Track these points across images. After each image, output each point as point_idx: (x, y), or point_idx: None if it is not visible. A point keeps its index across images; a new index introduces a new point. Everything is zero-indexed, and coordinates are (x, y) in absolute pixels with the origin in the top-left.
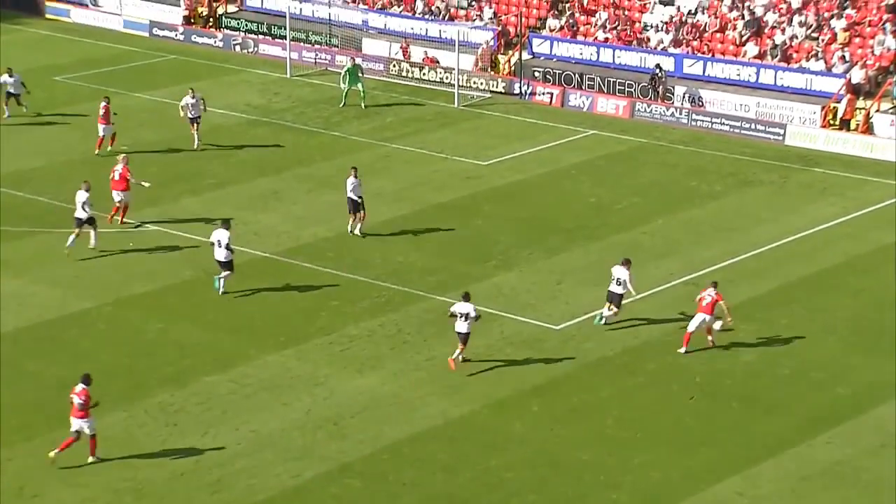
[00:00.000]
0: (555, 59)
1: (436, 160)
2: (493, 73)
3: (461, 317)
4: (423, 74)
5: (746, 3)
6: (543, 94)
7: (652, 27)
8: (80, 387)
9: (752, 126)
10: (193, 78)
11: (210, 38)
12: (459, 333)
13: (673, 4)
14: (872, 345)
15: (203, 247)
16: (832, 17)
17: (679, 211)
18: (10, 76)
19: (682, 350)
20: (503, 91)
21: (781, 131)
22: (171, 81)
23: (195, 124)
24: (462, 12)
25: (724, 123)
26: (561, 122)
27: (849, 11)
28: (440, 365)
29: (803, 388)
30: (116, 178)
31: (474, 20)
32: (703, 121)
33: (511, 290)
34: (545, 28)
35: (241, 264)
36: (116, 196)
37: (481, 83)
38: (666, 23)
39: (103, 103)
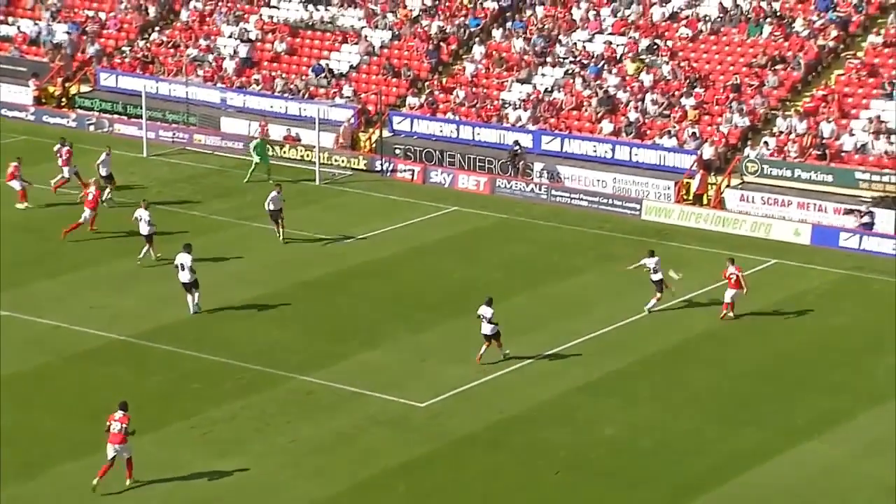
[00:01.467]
0: (415, 137)
1: (298, 238)
2: (353, 150)
3: (483, 319)
4: (284, 152)
5: (598, 82)
6: (405, 170)
7: (510, 104)
8: (119, 413)
9: (610, 201)
10: (46, 159)
11: (63, 118)
12: (484, 335)
13: (530, 83)
14: (732, 415)
15: (60, 329)
16: (682, 95)
17: (542, 285)
18: None
19: (725, 313)
20: (365, 168)
21: (638, 206)
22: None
23: (110, 184)
24: (322, 90)
25: (582, 199)
26: (423, 198)
27: (697, 90)
28: (305, 446)
29: (666, 460)
30: (90, 198)
31: (334, 98)
32: (562, 196)
33: (376, 368)
34: (405, 106)
35: (97, 349)
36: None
37: (342, 161)
38: (524, 100)
39: (65, 147)
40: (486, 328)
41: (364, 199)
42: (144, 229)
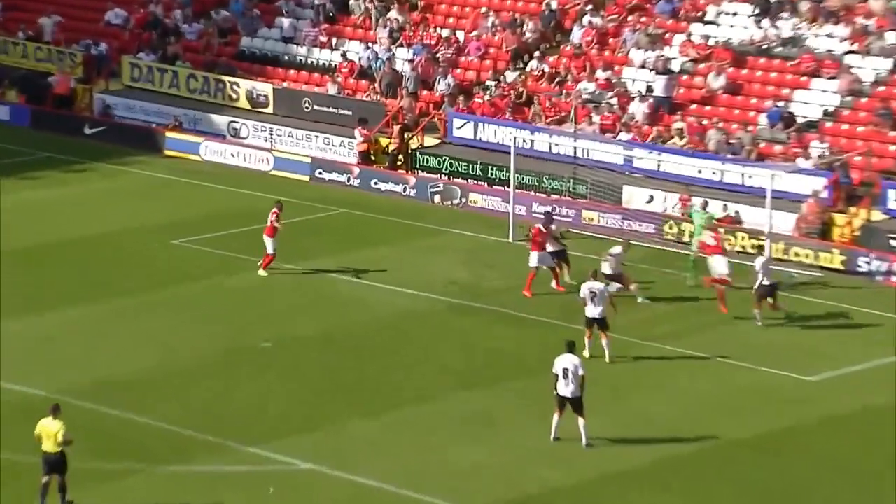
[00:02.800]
0: None
1: None
2: (824, 239)
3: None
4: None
5: None
6: None
7: None
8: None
9: None
10: (366, 242)
11: (397, 184)
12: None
13: None
14: None
15: None
16: None
17: None
18: None
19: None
20: (842, 268)
21: None
22: (337, 246)
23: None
24: (779, 147)
25: None
26: None
27: None
28: None
29: None
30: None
31: (796, 159)
32: None
33: None
34: None
35: None
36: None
37: (806, 255)
38: None
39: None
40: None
41: (835, 316)
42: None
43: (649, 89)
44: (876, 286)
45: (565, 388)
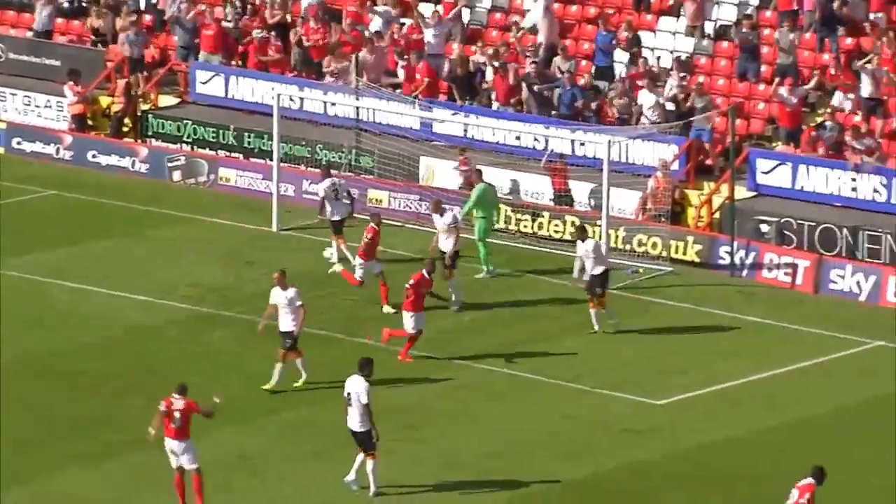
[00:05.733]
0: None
1: None
2: (674, 224)
3: None
4: (520, 223)
5: None
6: (779, 268)
7: None
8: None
9: None
10: (84, 234)
11: (125, 157)
12: None
13: None
14: None
15: None
16: None
17: None
18: None
19: None
20: (697, 260)
21: None
22: (45, 240)
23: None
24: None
25: None
26: (819, 323)
27: None
28: None
29: None
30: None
31: (637, 123)
32: None
33: None
34: (781, 140)
35: None
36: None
37: (652, 244)
38: None
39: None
40: None
41: (693, 320)
42: None
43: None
44: (740, 282)
45: (350, 419)
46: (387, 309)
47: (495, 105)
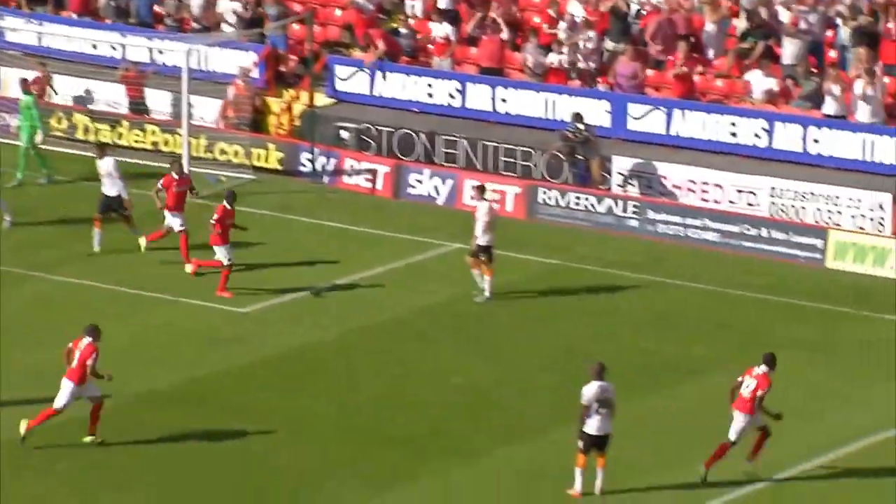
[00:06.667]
0: (381, 108)
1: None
2: (256, 132)
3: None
4: (119, 132)
5: None
6: (359, 174)
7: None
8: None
9: (764, 233)
10: None
11: None
12: None
13: None
14: None
15: None
16: None
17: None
18: None
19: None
20: (280, 168)
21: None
22: None
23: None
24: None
25: (707, 228)
26: (394, 227)
27: None
28: None
29: None
30: None
31: (217, 29)
32: (667, 223)
33: None
34: (356, 47)
35: None
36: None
37: (234, 152)
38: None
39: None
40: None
41: (277, 228)
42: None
43: None
44: (323, 188)
45: None
46: (188, 267)
47: (71, 15)
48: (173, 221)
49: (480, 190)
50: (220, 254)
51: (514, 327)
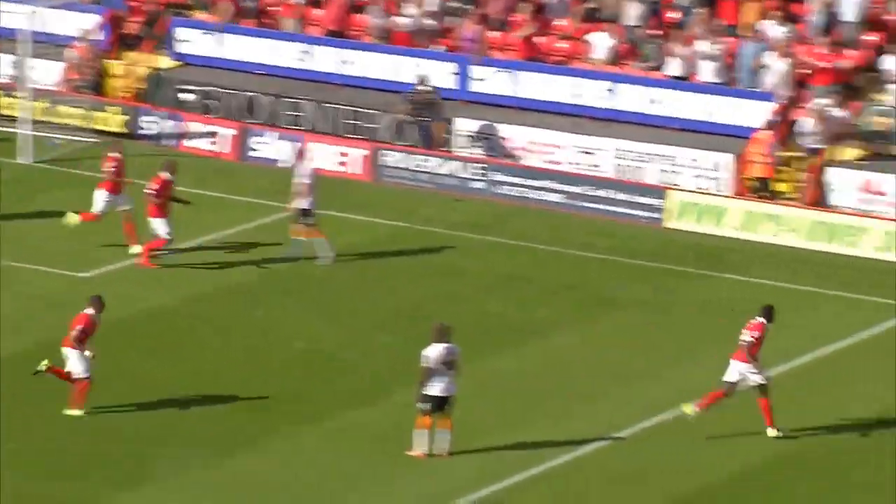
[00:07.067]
0: (223, 69)
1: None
2: (98, 95)
3: None
4: None
5: None
6: (202, 137)
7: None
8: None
9: (606, 194)
10: None
11: None
12: None
13: None
14: None
15: None
16: None
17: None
18: None
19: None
20: (124, 131)
21: (658, 202)
22: None
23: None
24: None
25: (551, 189)
26: (238, 190)
27: None
28: None
29: None
30: None
31: None
32: (511, 183)
33: None
34: (200, 7)
35: None
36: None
37: (76, 114)
38: None
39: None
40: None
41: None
42: None
43: None
44: (165, 152)
45: None
46: (135, 249)
47: None
48: (159, 227)
49: (301, 153)
50: (161, 228)
51: (357, 289)
